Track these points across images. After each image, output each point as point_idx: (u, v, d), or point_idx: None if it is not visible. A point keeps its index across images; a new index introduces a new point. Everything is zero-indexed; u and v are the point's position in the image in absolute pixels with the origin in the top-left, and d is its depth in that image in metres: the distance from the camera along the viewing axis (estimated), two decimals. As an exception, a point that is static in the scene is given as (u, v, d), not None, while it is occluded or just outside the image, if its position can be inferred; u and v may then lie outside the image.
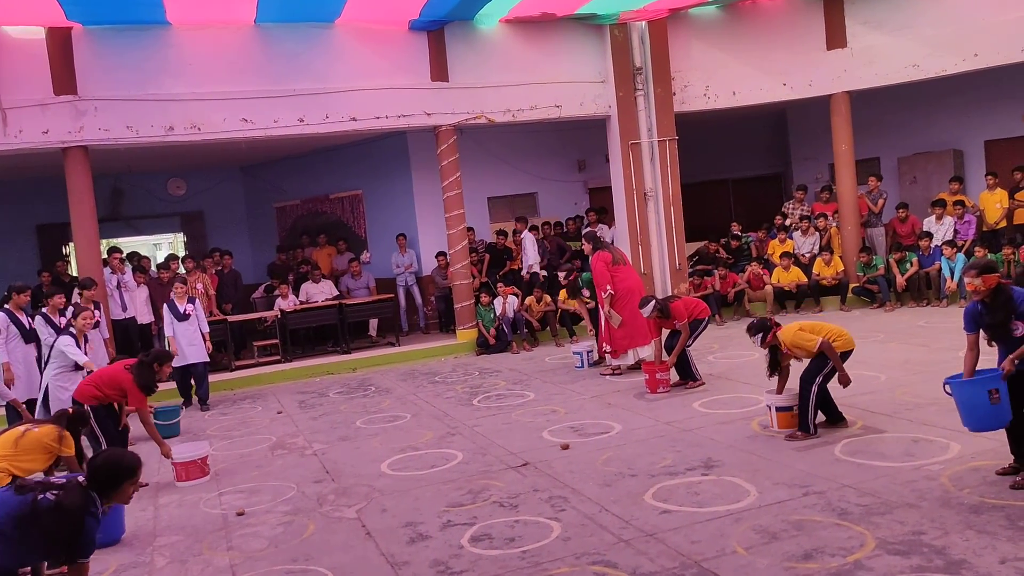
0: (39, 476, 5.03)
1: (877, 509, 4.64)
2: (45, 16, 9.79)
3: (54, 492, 3.53)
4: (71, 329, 7.86)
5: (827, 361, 6.07)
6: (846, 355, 6.16)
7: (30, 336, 8.49)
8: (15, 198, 14.40)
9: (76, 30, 10.29)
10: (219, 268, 12.86)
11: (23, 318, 8.49)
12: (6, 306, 8.51)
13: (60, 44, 10.20)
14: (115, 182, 14.97)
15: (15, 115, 10.01)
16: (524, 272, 13.16)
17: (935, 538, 4.19)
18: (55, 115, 10.20)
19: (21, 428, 5.21)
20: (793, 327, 6.29)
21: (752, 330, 6.43)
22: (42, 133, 10.17)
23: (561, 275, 10.75)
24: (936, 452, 5.50)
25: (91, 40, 10.38)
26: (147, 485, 6.70)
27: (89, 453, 6.99)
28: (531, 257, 13.11)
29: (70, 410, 5.55)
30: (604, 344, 9.39)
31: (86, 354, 7.74)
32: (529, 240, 13.21)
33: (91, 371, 7.34)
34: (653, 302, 8.37)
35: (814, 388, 6.06)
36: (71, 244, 13.09)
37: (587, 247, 9.65)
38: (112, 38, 10.45)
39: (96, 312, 9.35)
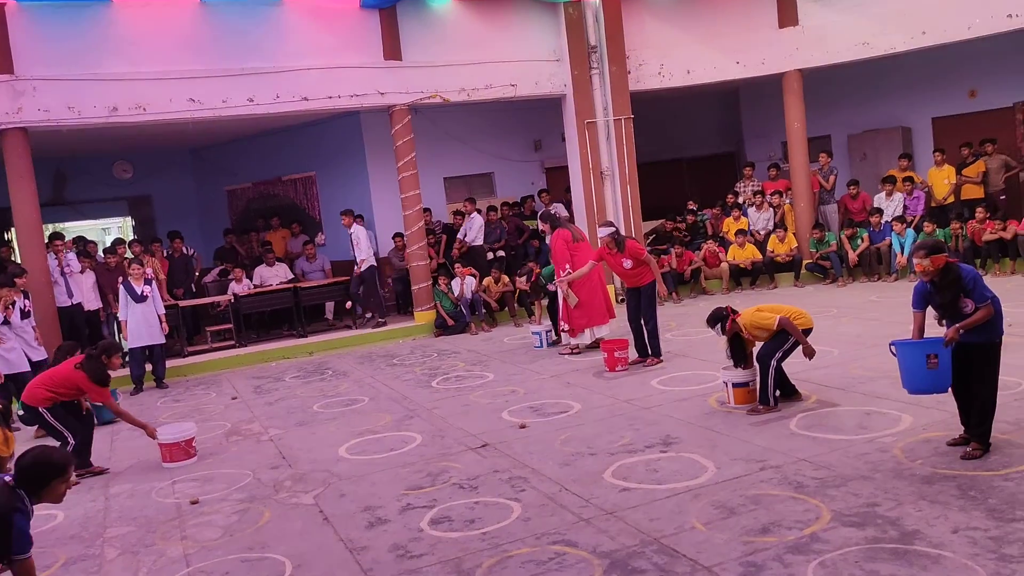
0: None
1: (832, 482, 4.70)
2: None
3: None
4: None
5: (786, 338, 6.11)
6: (806, 333, 6.21)
7: None
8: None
9: (10, 6, 9.88)
10: (169, 252, 12.56)
11: None
12: None
13: (-6, 21, 9.81)
14: (58, 165, 14.52)
15: (-51, 95, 9.62)
16: (462, 242, 13.04)
17: (889, 509, 4.25)
18: (-9, 95, 9.82)
19: None
20: (751, 309, 6.32)
21: (711, 321, 6.40)
22: (-22, 114, 9.79)
23: (521, 280, 10.76)
24: (888, 424, 5.59)
25: (27, 17, 9.99)
26: (107, 471, 6.60)
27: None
28: (471, 235, 13.02)
29: None
30: (563, 323, 9.39)
31: None
32: (476, 222, 13.07)
33: None
34: (613, 228, 8.42)
35: (772, 363, 6.12)
36: (12, 229, 12.67)
37: (545, 227, 9.62)
38: (50, 15, 10.07)
39: (26, 301, 9.07)
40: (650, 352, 8.41)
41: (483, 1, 12.14)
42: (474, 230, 13.00)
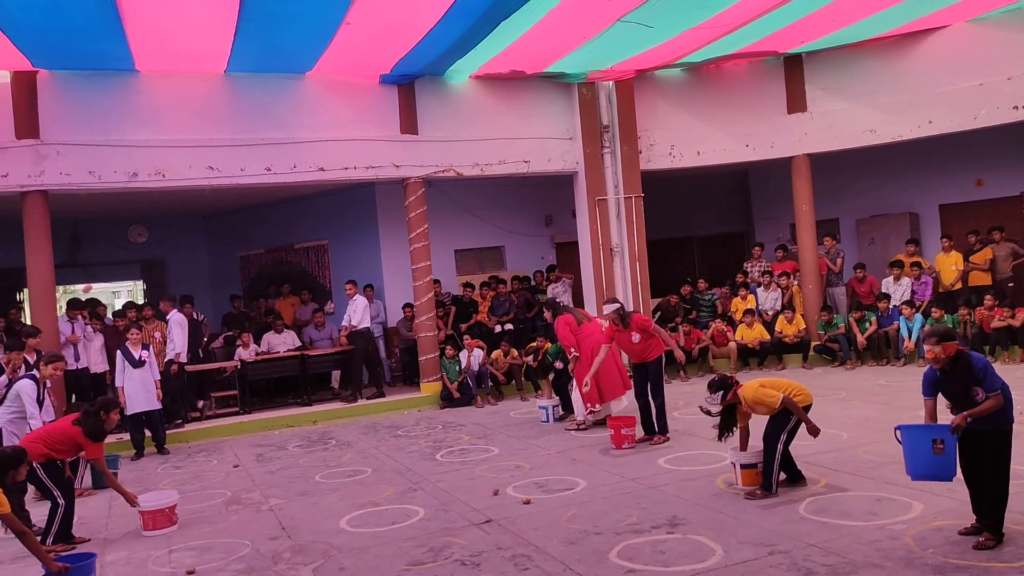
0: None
1: (842, 569, 4.60)
2: (11, 61, 9.70)
3: None
4: (35, 372, 7.61)
5: (790, 418, 6.07)
6: (805, 409, 6.17)
7: None
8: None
9: (42, 75, 10.21)
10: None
11: None
12: None
13: (25, 88, 10.11)
14: (74, 228, 14.74)
15: (-26, 158, 9.85)
16: (347, 328, 12.20)
17: (901, 599, 4.15)
18: (16, 159, 10.04)
19: None
20: (754, 384, 6.29)
21: (713, 387, 6.33)
22: (1, 176, 10.00)
23: (528, 359, 10.81)
24: (899, 511, 5.49)
25: (57, 85, 10.30)
26: (89, 540, 6.49)
27: (36, 508, 6.76)
28: (356, 318, 12.07)
29: None
30: (587, 404, 9.23)
31: (40, 403, 7.46)
32: (360, 304, 12.13)
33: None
34: (618, 305, 8.44)
35: (779, 447, 6.06)
36: (25, 290, 12.79)
37: (548, 315, 9.80)
38: (78, 83, 10.38)
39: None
40: (657, 429, 8.33)
41: (499, 80, 12.47)
42: (358, 313, 12.08)
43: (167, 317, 11.16)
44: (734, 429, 6.41)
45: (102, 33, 9.09)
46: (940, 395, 4.98)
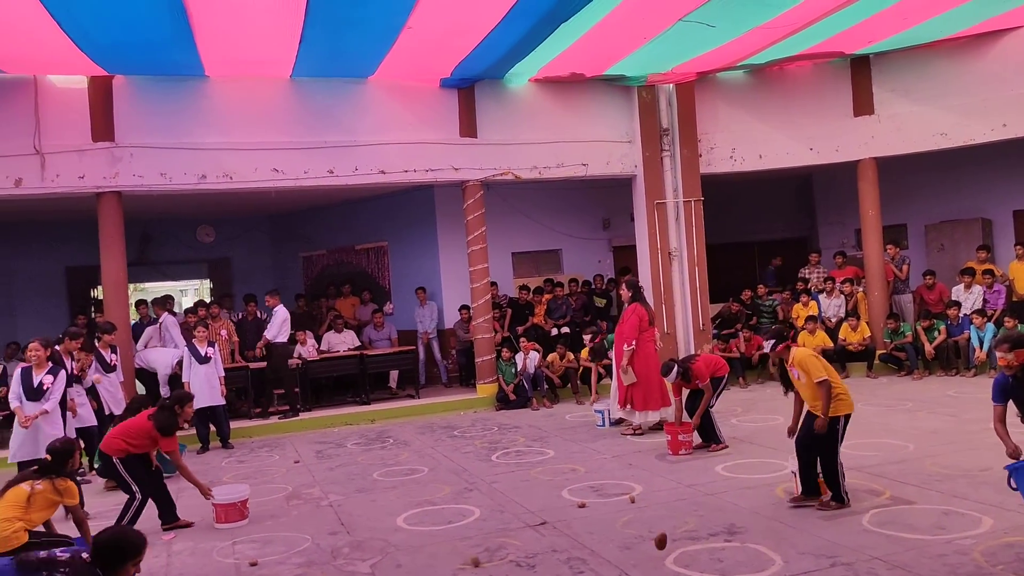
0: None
1: (907, 583, 4.49)
2: (87, 68, 10.09)
3: (61, 570, 3.50)
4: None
5: (836, 427, 5.87)
6: (846, 418, 5.95)
7: (70, 380, 8.50)
8: (46, 240, 14.68)
9: (117, 80, 10.58)
10: (244, 315, 12.93)
11: (69, 363, 8.51)
12: (56, 348, 8.53)
13: (101, 93, 10.49)
14: (144, 227, 15.22)
15: (53, 160, 10.25)
16: (266, 340, 11.49)
17: (969, 616, 4.03)
18: (92, 161, 10.43)
19: (26, 488, 5.17)
20: (809, 351, 6.17)
21: (770, 334, 6.37)
22: (78, 178, 10.39)
23: (586, 337, 10.73)
24: (968, 526, 5.33)
25: (131, 89, 10.66)
26: (193, 524, 6.74)
27: (116, 500, 6.98)
28: (272, 331, 11.41)
29: (47, 457, 5.51)
30: (620, 402, 9.28)
31: (39, 388, 7.62)
32: (279, 316, 11.50)
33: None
34: (676, 367, 8.30)
35: (838, 458, 5.91)
36: (99, 287, 13.25)
37: (626, 294, 9.48)
38: (151, 88, 10.72)
39: (113, 356, 9.44)
40: (702, 438, 8.22)
41: (558, 83, 12.48)
42: (276, 325, 11.43)
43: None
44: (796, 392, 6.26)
45: (174, 44, 9.41)
46: (1011, 402, 4.83)
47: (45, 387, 7.63)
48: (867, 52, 12.48)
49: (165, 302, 12.05)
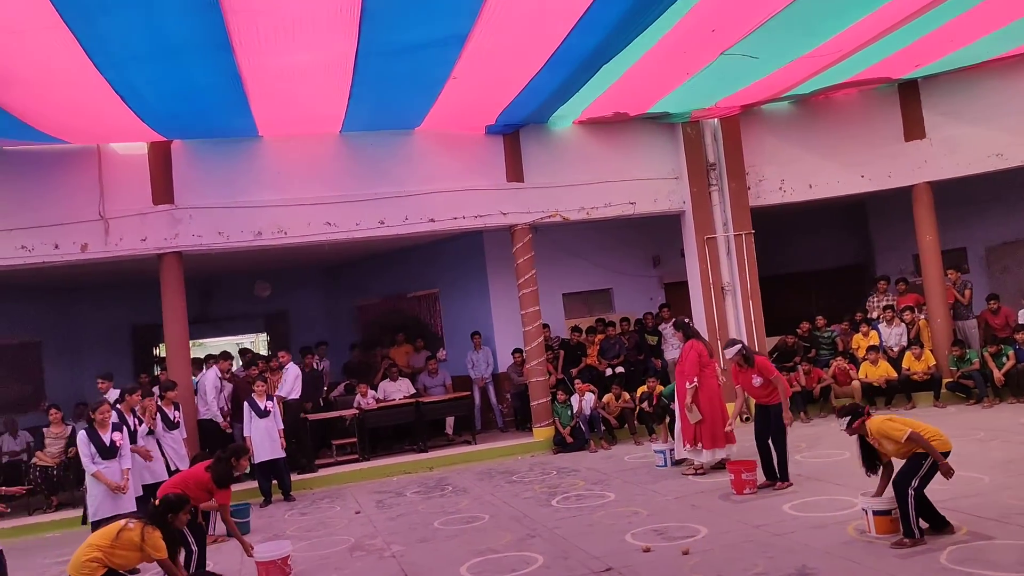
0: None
1: (993, 625, 4.30)
2: (147, 134, 10.50)
3: None
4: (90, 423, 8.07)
5: (922, 462, 5.75)
6: (943, 455, 5.82)
7: (132, 437, 8.75)
8: (111, 300, 15.15)
9: (175, 144, 10.99)
10: (301, 366, 13.10)
11: (131, 419, 8.77)
12: (118, 406, 8.81)
13: (160, 158, 10.90)
14: (204, 285, 15.62)
15: (116, 224, 10.65)
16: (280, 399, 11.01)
17: (1063, 659, 3.84)
18: (153, 223, 10.81)
19: (123, 523, 5.32)
20: (881, 417, 6.04)
21: (842, 412, 6.23)
22: (140, 240, 10.76)
23: (644, 405, 10.66)
24: (1054, 562, 5.10)
25: (188, 153, 11.05)
26: None
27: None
28: (286, 388, 11.30)
29: (155, 501, 5.64)
30: (686, 442, 9.14)
31: (112, 446, 7.83)
32: (292, 373, 11.45)
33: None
34: (740, 345, 8.24)
35: (910, 492, 5.73)
36: (161, 344, 13.61)
37: (679, 336, 9.42)
38: (207, 151, 11.10)
39: (176, 412, 9.65)
40: (779, 476, 8.04)
41: (602, 124, 12.57)
42: (288, 383, 11.35)
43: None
44: (883, 464, 6.13)
45: (229, 109, 9.77)
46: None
47: (118, 444, 7.85)
48: (915, 76, 12.34)
49: (204, 361, 12.29)
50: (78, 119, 9.62)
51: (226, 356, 12.16)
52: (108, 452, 7.80)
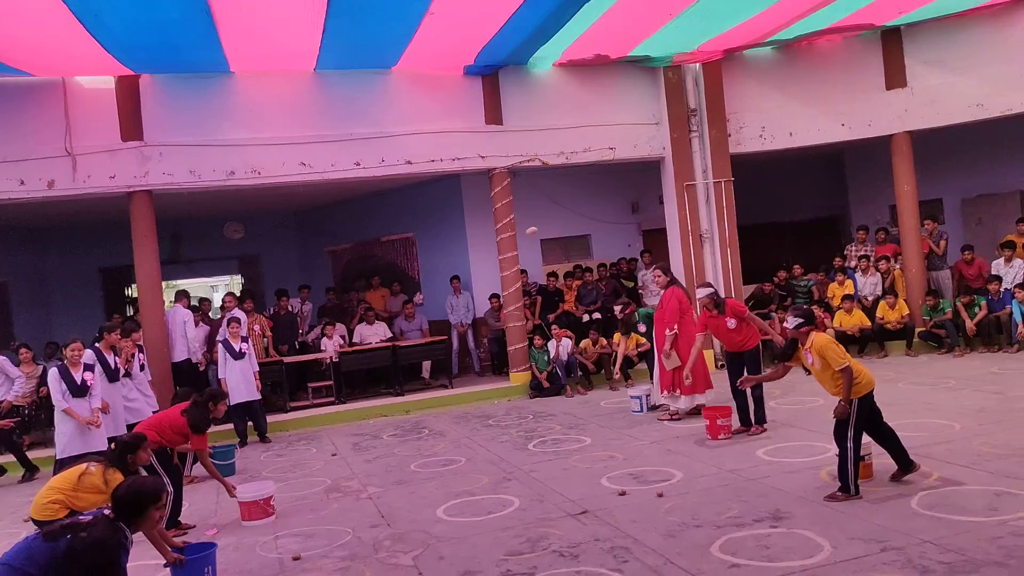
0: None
1: (961, 567, 4.38)
2: (113, 68, 10.14)
3: (84, 531, 3.50)
4: (63, 361, 7.98)
5: (851, 408, 5.70)
6: (862, 400, 5.74)
7: (114, 375, 8.64)
8: (80, 241, 14.84)
9: (144, 79, 10.63)
10: (275, 310, 13.00)
11: (110, 358, 8.65)
12: (96, 345, 8.69)
13: (128, 93, 10.55)
14: (175, 226, 15.34)
15: (84, 161, 10.33)
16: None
17: (1029, 600, 3.92)
18: (122, 161, 10.51)
19: (82, 467, 5.25)
20: (829, 337, 5.98)
21: (796, 312, 6.09)
22: (109, 178, 10.47)
23: (617, 309, 10.62)
24: (1022, 506, 5.19)
25: (157, 88, 10.70)
26: (194, 527, 6.76)
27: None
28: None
29: (111, 446, 5.57)
30: (664, 388, 9.19)
31: (83, 385, 7.77)
32: (240, 317, 10.86)
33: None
34: (712, 289, 8.32)
35: (848, 443, 5.70)
36: (133, 286, 13.38)
37: (663, 279, 9.25)
38: (177, 86, 10.76)
39: (141, 356, 9.50)
40: (754, 420, 8.12)
41: (583, 67, 12.34)
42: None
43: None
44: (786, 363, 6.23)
45: (198, 42, 9.44)
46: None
47: (89, 383, 7.75)
48: (898, 23, 12.19)
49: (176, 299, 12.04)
50: (41, 50, 9.26)
51: (203, 301, 12.02)
52: (79, 391, 7.70)
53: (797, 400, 9.43)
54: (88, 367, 7.90)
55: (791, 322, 6.06)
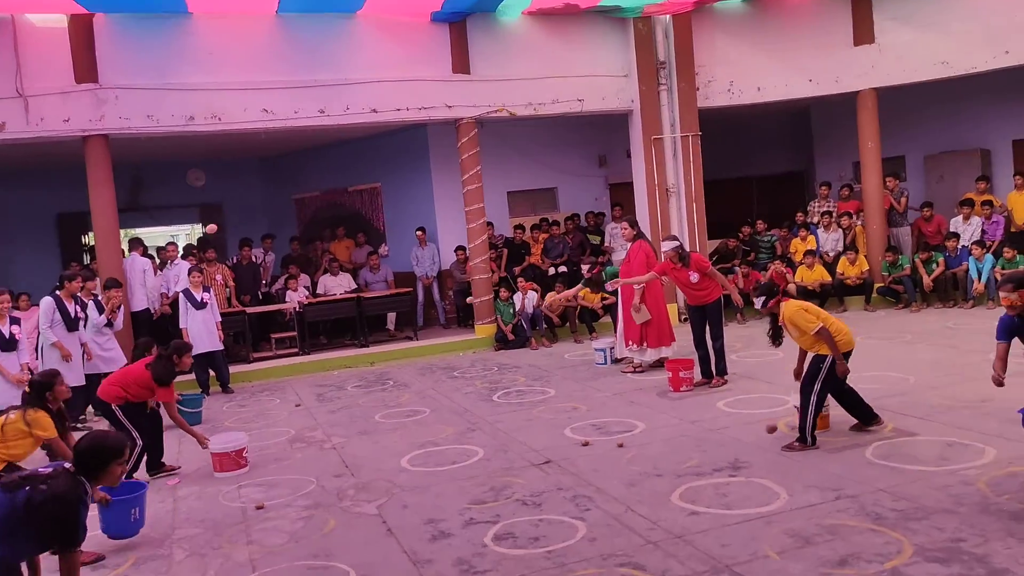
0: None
1: (913, 514, 4.51)
2: (67, 5, 9.75)
3: (44, 484, 3.46)
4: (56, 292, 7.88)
5: (821, 365, 5.79)
6: (845, 356, 5.87)
7: (74, 324, 8.48)
8: (35, 186, 14.40)
9: (98, 19, 10.24)
10: (238, 259, 12.80)
11: (71, 306, 8.48)
12: (57, 292, 8.50)
13: (82, 32, 10.17)
14: (135, 171, 14.96)
15: (37, 103, 9.98)
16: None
17: (975, 545, 4.06)
18: (76, 103, 10.17)
19: (2, 418, 5.16)
20: (797, 304, 6.03)
21: (759, 290, 6.29)
22: (63, 121, 10.13)
23: (584, 267, 10.65)
24: (972, 456, 5.35)
25: (113, 28, 10.33)
26: (180, 468, 6.79)
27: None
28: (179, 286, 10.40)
29: (25, 388, 5.50)
30: (629, 341, 9.26)
31: (11, 339, 7.67)
32: (183, 268, 10.73)
33: None
34: (677, 243, 8.40)
35: (813, 397, 5.80)
36: (91, 233, 13.06)
37: (629, 232, 9.27)
38: (133, 27, 10.40)
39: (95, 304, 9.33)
40: (715, 372, 8.24)
41: (552, 16, 12.16)
42: (183, 280, 10.34)
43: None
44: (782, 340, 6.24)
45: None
46: (1016, 340, 4.81)
47: (16, 336, 7.62)
48: (868, -22, 12.16)
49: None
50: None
51: (170, 245, 11.79)
52: (7, 344, 7.54)
53: (758, 353, 9.57)
54: (14, 320, 7.73)
55: (758, 302, 6.19)
